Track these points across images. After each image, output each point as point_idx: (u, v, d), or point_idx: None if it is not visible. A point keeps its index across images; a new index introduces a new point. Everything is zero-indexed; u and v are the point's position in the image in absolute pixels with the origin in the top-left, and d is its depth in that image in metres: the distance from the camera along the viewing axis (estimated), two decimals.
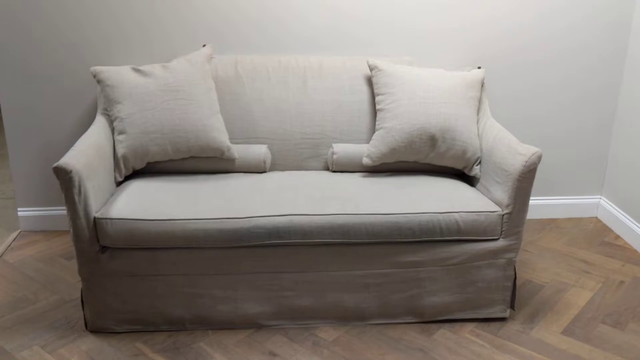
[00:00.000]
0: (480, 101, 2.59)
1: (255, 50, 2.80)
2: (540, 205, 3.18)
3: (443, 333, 2.24)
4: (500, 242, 2.21)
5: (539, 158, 2.12)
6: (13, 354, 2.09)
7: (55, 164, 1.97)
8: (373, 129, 2.58)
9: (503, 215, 2.19)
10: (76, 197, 2.01)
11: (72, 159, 2.02)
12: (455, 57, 2.88)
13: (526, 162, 2.11)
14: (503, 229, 2.20)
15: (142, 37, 2.73)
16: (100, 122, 2.42)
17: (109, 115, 2.45)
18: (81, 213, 2.03)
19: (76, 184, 1.99)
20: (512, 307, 2.31)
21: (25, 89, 2.77)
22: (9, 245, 2.83)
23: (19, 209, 2.95)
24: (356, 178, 2.46)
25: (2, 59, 2.71)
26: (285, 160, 2.58)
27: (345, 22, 2.79)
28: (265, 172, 2.53)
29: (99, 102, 2.54)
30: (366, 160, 2.45)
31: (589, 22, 2.89)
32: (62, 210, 2.96)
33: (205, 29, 2.75)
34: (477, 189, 2.41)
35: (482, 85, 2.59)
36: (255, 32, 2.77)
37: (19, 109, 2.80)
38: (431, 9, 2.80)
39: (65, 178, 1.97)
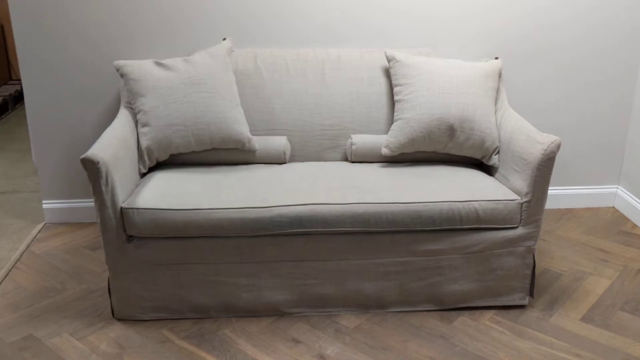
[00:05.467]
0: (498, 91, 2.61)
1: (274, 44, 2.83)
2: (557, 195, 3.19)
3: (463, 320, 2.27)
4: (520, 230, 2.24)
5: (558, 146, 2.14)
6: (43, 341, 2.14)
7: (83, 156, 2.02)
8: (391, 120, 2.60)
9: (522, 203, 2.21)
10: (103, 188, 2.06)
11: (99, 150, 2.06)
12: (472, 47, 2.90)
13: (545, 150, 2.14)
14: (522, 217, 2.22)
15: (163, 31, 2.77)
16: (124, 115, 2.47)
17: (132, 108, 2.50)
18: (108, 203, 2.08)
19: (103, 174, 2.04)
20: (531, 294, 2.33)
21: (48, 85, 2.82)
22: (35, 237, 2.90)
23: (43, 201, 3.01)
24: (375, 168, 2.49)
25: (26, 56, 2.77)
26: (304, 151, 2.62)
27: (362, 14, 2.81)
28: (285, 163, 2.57)
29: (122, 96, 2.58)
30: (385, 151, 2.48)
31: (606, 4, 2.88)
32: (85, 203, 3.02)
33: (224, 23, 2.78)
34: (496, 179, 2.43)
35: (500, 76, 2.61)
36: (274, 25, 2.80)
37: (43, 104, 2.85)
38: (448, 0, 2.82)
39: (93, 169, 2.02)
